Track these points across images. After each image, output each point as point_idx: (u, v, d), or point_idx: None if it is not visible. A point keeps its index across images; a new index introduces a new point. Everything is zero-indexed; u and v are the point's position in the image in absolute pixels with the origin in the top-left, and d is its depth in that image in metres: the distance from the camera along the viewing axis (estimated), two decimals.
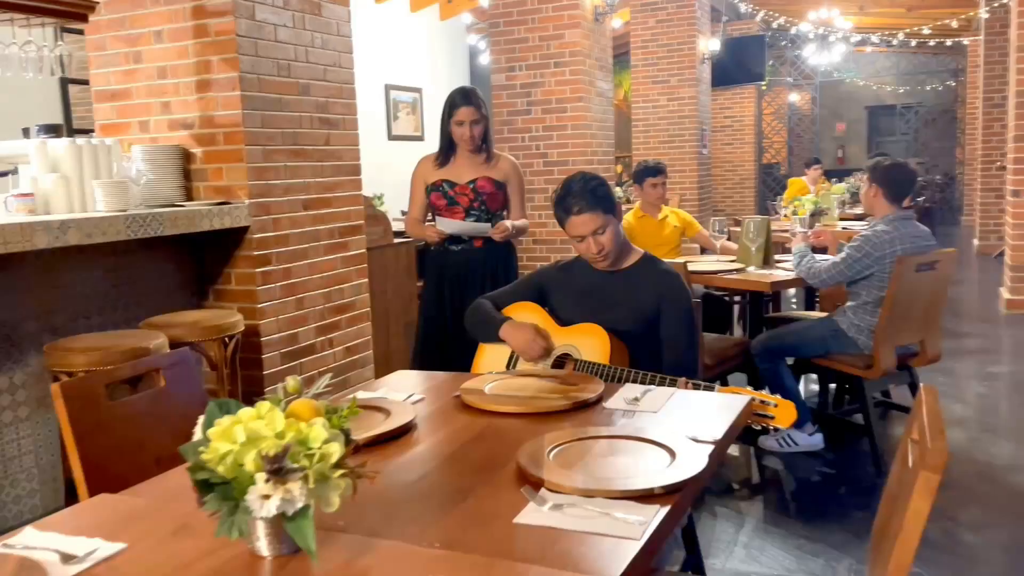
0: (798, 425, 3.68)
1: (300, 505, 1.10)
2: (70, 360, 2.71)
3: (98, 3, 3.49)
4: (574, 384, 1.94)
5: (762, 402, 1.92)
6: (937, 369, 4.58)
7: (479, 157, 3.59)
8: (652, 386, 1.94)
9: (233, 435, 1.12)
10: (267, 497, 1.09)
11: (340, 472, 1.14)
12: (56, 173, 3.40)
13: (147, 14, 3.75)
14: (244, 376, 3.81)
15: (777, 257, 4.12)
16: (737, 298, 5.06)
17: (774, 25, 10.86)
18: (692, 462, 1.43)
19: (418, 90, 10.10)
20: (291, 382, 1.27)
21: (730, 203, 13.00)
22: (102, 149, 3.52)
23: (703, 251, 5.01)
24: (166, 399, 1.96)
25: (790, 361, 3.75)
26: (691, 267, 3.85)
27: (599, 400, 1.86)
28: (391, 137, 9.55)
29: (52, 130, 3.68)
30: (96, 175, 3.46)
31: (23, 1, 3.25)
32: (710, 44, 10.12)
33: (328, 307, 4.16)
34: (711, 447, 1.55)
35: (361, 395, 1.98)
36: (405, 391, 2.00)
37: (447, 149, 3.62)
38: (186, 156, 3.79)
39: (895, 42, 10.73)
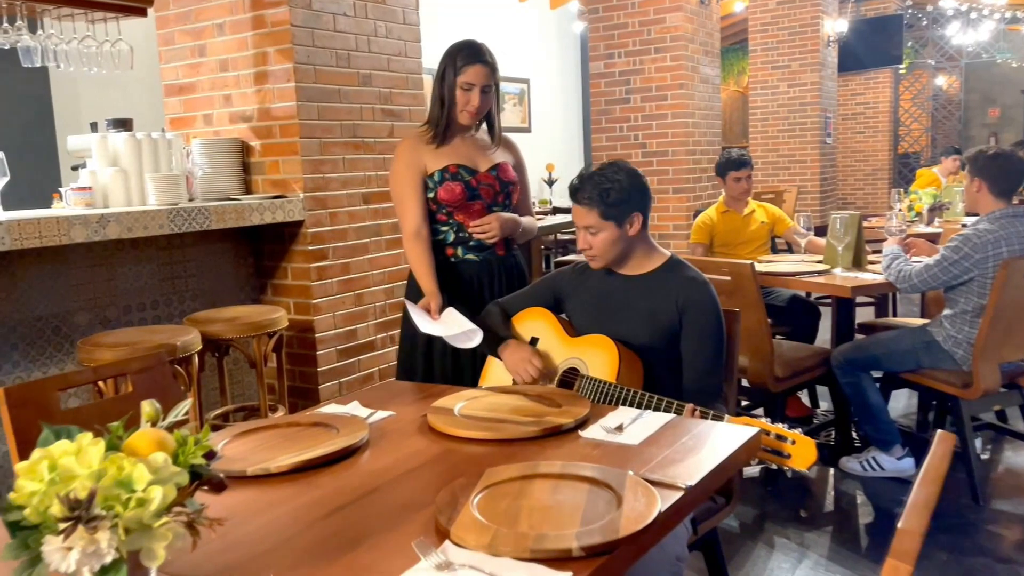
0: (885, 447, 3.29)
1: (109, 559, 0.94)
2: (97, 356, 2.68)
3: None
4: (558, 406, 1.72)
5: (778, 437, 1.63)
6: None
7: (480, 139, 2.68)
8: (648, 411, 1.69)
9: (39, 472, 0.97)
10: (70, 549, 0.94)
11: (163, 521, 0.98)
12: (115, 167, 3.42)
13: (210, 7, 3.74)
14: (299, 373, 3.77)
15: (872, 258, 3.70)
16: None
17: (908, 2, 10.01)
18: (637, 517, 1.19)
19: (525, 81, 9.94)
20: (146, 407, 1.12)
21: (860, 196, 12.17)
22: (161, 143, 3.53)
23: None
24: (132, 407, 1.85)
25: (878, 374, 3.35)
26: (761, 267, 3.49)
27: (580, 426, 1.62)
28: None
29: (121, 124, 3.70)
30: (155, 169, 3.47)
31: None
32: (836, 26, 9.45)
33: (390, 303, 4.06)
34: (679, 494, 1.30)
35: (330, 409, 1.82)
36: (377, 405, 1.83)
37: (444, 124, 2.58)
38: (245, 149, 3.76)
39: None
